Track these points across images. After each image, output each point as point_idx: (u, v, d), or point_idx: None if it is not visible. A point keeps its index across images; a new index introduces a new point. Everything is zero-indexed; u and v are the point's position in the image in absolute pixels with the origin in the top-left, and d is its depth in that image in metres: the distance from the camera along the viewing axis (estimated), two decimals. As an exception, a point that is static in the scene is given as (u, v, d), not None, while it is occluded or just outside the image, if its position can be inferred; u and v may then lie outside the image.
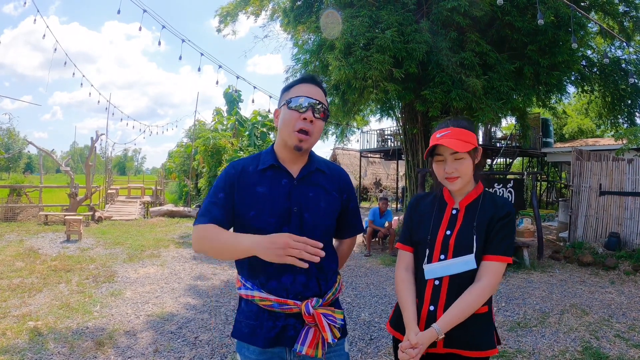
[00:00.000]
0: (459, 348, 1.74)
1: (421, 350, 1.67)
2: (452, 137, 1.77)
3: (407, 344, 1.69)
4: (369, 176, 29.10)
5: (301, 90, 1.75)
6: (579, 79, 11.69)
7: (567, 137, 24.86)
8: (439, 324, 1.69)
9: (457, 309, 1.70)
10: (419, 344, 1.67)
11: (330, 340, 1.67)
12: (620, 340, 4.58)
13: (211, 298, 6.05)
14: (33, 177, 26.21)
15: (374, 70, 8.33)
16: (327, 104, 1.82)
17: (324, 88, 1.85)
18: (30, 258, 8.12)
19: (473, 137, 1.82)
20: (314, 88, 1.78)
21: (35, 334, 4.45)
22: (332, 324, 1.70)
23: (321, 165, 1.86)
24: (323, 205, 1.78)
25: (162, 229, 13.12)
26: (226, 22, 13.25)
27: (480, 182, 1.90)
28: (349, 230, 1.98)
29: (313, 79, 1.81)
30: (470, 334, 1.74)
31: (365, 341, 4.56)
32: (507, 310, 5.64)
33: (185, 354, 4.14)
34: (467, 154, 1.80)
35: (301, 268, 1.59)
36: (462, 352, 1.74)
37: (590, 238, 9.43)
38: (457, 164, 1.80)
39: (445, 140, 1.77)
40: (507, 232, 1.77)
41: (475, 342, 1.75)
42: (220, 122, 23.18)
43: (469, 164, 1.81)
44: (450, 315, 1.70)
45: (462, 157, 1.79)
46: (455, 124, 1.83)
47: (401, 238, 2.01)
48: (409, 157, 12.40)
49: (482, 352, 1.75)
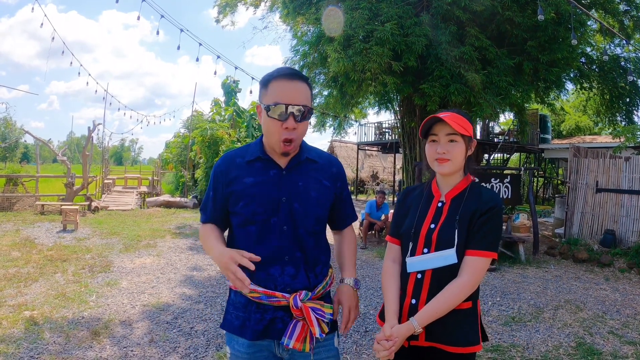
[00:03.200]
0: (439, 342, 1.73)
1: (395, 342, 1.66)
2: (451, 118, 1.76)
3: (382, 336, 1.69)
4: (366, 169, 29.11)
5: (278, 90, 1.63)
6: (577, 75, 11.69)
7: (564, 133, 24.85)
8: (417, 318, 1.68)
9: (435, 304, 1.68)
10: (394, 336, 1.67)
11: (318, 335, 1.65)
12: (614, 337, 4.61)
13: (207, 288, 6.06)
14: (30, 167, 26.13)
15: (373, 62, 8.32)
16: (309, 100, 1.68)
17: (305, 77, 1.70)
18: (26, 248, 8.10)
19: (470, 127, 1.80)
20: (293, 85, 1.64)
21: (31, 323, 4.45)
22: (321, 318, 1.68)
23: (312, 155, 1.82)
24: (314, 194, 1.75)
25: (158, 219, 13.11)
26: (225, 13, 13.20)
27: (470, 175, 1.87)
28: (346, 220, 1.97)
29: (292, 73, 1.66)
30: (450, 329, 1.72)
31: (360, 333, 4.58)
32: (501, 305, 5.66)
33: (180, 344, 4.15)
34: (462, 139, 1.77)
35: (289, 259, 1.69)
36: (443, 347, 1.73)
37: (586, 235, 9.46)
38: (450, 146, 1.77)
39: (444, 115, 1.76)
40: (491, 226, 1.73)
41: (456, 337, 1.72)
42: (218, 113, 23.10)
43: (461, 149, 1.78)
44: (428, 310, 1.68)
45: (456, 140, 1.77)
46: (456, 111, 1.82)
47: (390, 230, 2.00)
48: (406, 151, 12.42)
49: (463, 347, 1.71)
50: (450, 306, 1.68)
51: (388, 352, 1.66)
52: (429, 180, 1.96)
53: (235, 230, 1.78)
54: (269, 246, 1.67)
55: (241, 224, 1.73)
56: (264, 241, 1.65)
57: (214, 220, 1.82)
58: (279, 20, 13.17)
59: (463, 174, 1.86)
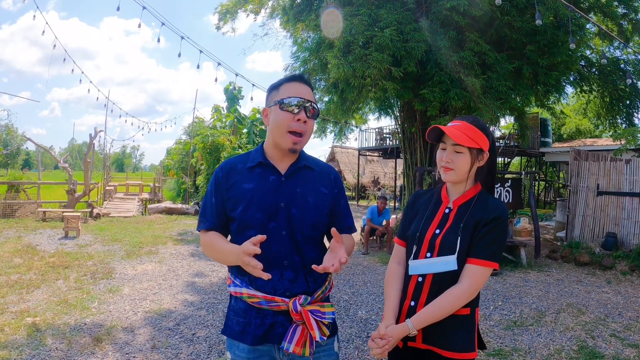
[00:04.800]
0: (435, 346, 1.75)
1: (389, 342, 1.69)
2: (459, 129, 1.77)
3: (376, 334, 1.72)
4: (367, 174, 29.12)
5: (291, 90, 1.75)
6: (577, 79, 11.71)
7: (565, 137, 24.86)
8: (412, 320, 1.71)
9: (432, 308, 1.70)
10: (388, 335, 1.69)
11: (318, 338, 1.67)
12: (616, 340, 4.60)
13: (209, 295, 6.06)
14: (31, 174, 26.15)
15: (373, 68, 8.34)
16: (316, 102, 1.83)
17: (311, 84, 1.86)
18: (28, 254, 8.12)
19: (482, 138, 1.79)
20: (303, 87, 1.78)
21: (34, 329, 4.46)
22: (321, 320, 1.70)
23: (309, 162, 1.87)
24: (311, 200, 1.78)
25: (160, 226, 13.12)
26: (225, 20, 13.24)
27: (480, 184, 1.87)
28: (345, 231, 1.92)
29: (301, 78, 1.82)
30: (446, 334, 1.74)
31: (362, 339, 4.58)
32: (503, 309, 5.66)
33: (182, 350, 4.16)
34: (468, 150, 1.78)
35: (288, 263, 1.71)
36: (438, 351, 1.75)
37: (588, 238, 9.45)
38: (454, 156, 1.80)
39: (448, 129, 1.78)
40: (494, 236, 1.74)
41: (451, 342, 1.73)
42: (219, 120, 23.16)
43: (466, 160, 1.78)
44: (425, 313, 1.71)
45: (461, 152, 1.78)
46: (470, 121, 1.82)
47: (398, 232, 2.03)
48: (407, 156, 12.43)
49: (458, 353, 1.73)
50: (447, 312, 1.70)
51: (381, 350, 1.69)
52: (440, 186, 1.97)
53: (235, 236, 1.80)
54: (267, 251, 1.68)
55: (240, 229, 1.76)
56: (263, 246, 1.66)
57: (215, 227, 1.81)
58: (279, 26, 13.22)
59: (473, 182, 1.87)
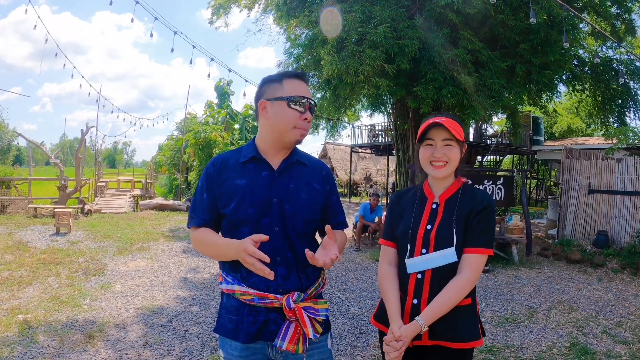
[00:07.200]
0: (443, 340, 1.77)
1: (405, 343, 1.69)
2: (447, 123, 1.82)
3: (391, 337, 1.72)
4: (359, 171, 29.13)
5: (297, 88, 1.77)
6: (570, 78, 11.75)
7: (557, 135, 24.99)
8: (422, 317, 1.72)
9: (439, 302, 1.72)
10: (403, 336, 1.70)
11: (312, 335, 1.66)
12: (607, 337, 4.64)
13: (201, 291, 6.05)
14: (22, 170, 25.94)
15: (366, 65, 8.33)
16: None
17: None
18: (19, 251, 8.05)
19: (462, 132, 1.88)
20: (303, 84, 1.81)
21: (25, 327, 4.43)
22: (314, 317, 1.69)
23: (302, 158, 1.87)
24: (304, 196, 1.78)
25: (152, 222, 13.06)
26: (219, 15, 13.16)
27: (460, 177, 1.94)
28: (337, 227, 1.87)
29: (304, 75, 1.84)
30: (453, 326, 1.77)
31: (355, 335, 4.59)
32: (495, 306, 5.69)
33: (175, 347, 4.14)
34: (457, 143, 1.85)
35: (281, 260, 1.69)
36: (446, 344, 1.77)
37: (579, 236, 9.52)
38: (446, 149, 1.84)
39: (443, 120, 1.82)
40: (486, 224, 1.81)
41: (459, 333, 1.77)
42: (212, 116, 23.08)
43: (457, 153, 1.86)
44: (433, 308, 1.72)
45: (452, 145, 1.85)
46: (450, 116, 1.90)
47: (384, 234, 2.03)
48: (399, 153, 12.44)
49: (466, 343, 1.77)
50: (454, 303, 1.73)
51: (399, 352, 1.69)
52: (420, 183, 2.00)
53: (227, 232, 1.78)
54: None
55: (233, 225, 1.75)
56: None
57: (206, 223, 1.79)
58: (272, 22, 13.16)
59: (454, 176, 1.93)
